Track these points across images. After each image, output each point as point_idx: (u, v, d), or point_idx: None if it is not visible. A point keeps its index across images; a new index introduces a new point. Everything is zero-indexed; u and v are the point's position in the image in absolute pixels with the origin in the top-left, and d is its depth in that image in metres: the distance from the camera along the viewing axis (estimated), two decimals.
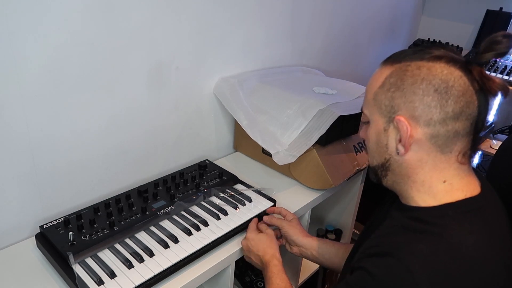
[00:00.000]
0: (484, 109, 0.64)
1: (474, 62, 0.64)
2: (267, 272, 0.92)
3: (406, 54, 0.68)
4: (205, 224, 1.01)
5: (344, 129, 1.30)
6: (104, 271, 0.85)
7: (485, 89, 0.63)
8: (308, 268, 1.45)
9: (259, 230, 1.03)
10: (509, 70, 1.98)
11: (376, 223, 0.79)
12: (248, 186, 1.20)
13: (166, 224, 1.02)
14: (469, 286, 0.58)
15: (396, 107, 0.66)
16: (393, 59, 0.69)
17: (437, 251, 0.60)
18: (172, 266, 0.89)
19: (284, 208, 1.10)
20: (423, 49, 0.67)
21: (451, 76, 0.63)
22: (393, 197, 0.78)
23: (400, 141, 0.67)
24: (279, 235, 1.08)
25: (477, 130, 0.66)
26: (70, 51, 0.93)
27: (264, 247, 0.96)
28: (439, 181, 0.67)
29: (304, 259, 1.32)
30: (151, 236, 0.97)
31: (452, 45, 2.28)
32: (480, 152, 2.31)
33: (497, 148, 1.04)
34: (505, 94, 0.63)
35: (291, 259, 1.33)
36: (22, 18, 0.83)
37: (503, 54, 0.63)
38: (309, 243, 1.04)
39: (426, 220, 0.65)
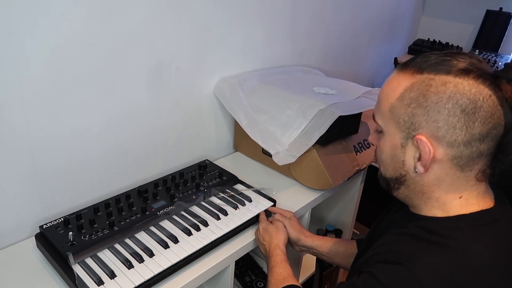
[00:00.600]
0: (510, 128, 0.60)
1: (503, 77, 0.59)
2: (270, 262, 0.93)
3: (429, 64, 0.62)
4: (205, 224, 1.01)
5: (344, 129, 1.30)
6: (104, 271, 0.85)
7: None
8: (308, 268, 1.45)
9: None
10: None
11: (383, 227, 0.78)
12: (248, 186, 1.20)
13: (166, 224, 1.02)
14: None
15: (417, 124, 0.62)
16: (413, 67, 0.63)
17: (450, 265, 0.58)
18: (172, 266, 0.89)
19: (280, 209, 1.11)
20: (447, 58, 0.61)
21: (479, 95, 0.58)
22: (400, 204, 0.77)
23: (419, 159, 0.63)
24: None
25: (500, 149, 0.62)
26: (70, 51, 0.93)
27: (270, 237, 0.98)
28: (455, 198, 0.65)
29: (304, 260, 1.32)
30: (151, 236, 0.97)
31: (452, 45, 2.28)
32: None
33: None
34: None
35: (291, 259, 1.33)
36: (22, 18, 0.83)
37: None
38: (310, 242, 1.05)
39: (438, 231, 0.63)
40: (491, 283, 0.57)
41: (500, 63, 2.04)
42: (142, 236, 0.97)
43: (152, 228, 1.00)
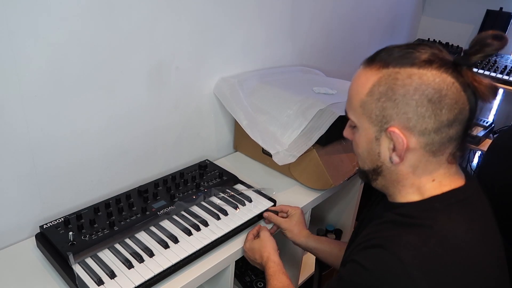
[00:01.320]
0: (475, 111, 0.64)
1: (464, 64, 0.62)
2: (266, 275, 0.92)
3: (393, 57, 0.64)
4: (205, 224, 1.01)
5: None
6: (104, 271, 0.85)
7: (478, 95, 0.62)
8: (308, 268, 1.45)
9: (256, 235, 1.03)
10: (509, 70, 1.98)
11: (365, 222, 0.79)
12: (248, 186, 1.20)
13: (166, 224, 1.02)
14: (461, 275, 0.59)
15: (388, 117, 0.64)
16: (379, 62, 0.65)
17: (428, 242, 0.60)
18: (172, 266, 0.89)
19: (283, 205, 1.11)
20: (409, 51, 0.64)
21: (443, 84, 0.61)
22: (381, 196, 0.80)
23: (393, 150, 0.66)
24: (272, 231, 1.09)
25: (467, 132, 0.66)
26: (70, 51, 0.93)
27: (259, 252, 0.96)
28: (428, 181, 0.68)
29: (304, 260, 1.32)
30: (151, 236, 0.97)
31: (452, 45, 2.29)
32: (479, 152, 2.31)
33: None
34: (495, 96, 0.63)
35: (291, 259, 1.33)
36: (22, 18, 0.83)
37: (491, 55, 0.63)
38: (304, 244, 1.06)
39: (414, 214, 0.66)
40: (467, 256, 0.60)
41: (500, 63, 2.04)
42: (142, 236, 0.97)
43: (152, 228, 1.00)
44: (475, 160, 2.43)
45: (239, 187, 1.21)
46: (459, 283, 0.59)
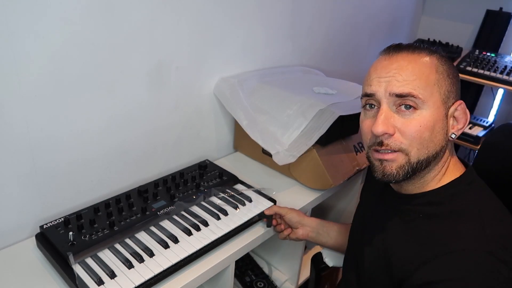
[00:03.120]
0: None
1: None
2: None
3: (427, 48, 0.72)
4: (205, 224, 1.01)
5: (344, 129, 1.30)
6: (104, 271, 0.85)
7: None
8: (308, 268, 1.45)
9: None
10: (509, 70, 1.98)
11: (379, 223, 0.78)
12: (248, 186, 1.20)
13: (166, 224, 1.02)
14: None
15: (454, 93, 0.70)
16: (423, 50, 0.71)
17: (486, 225, 0.63)
18: (172, 266, 0.89)
19: (277, 206, 1.10)
20: (423, 45, 0.74)
21: None
22: (379, 192, 0.83)
23: (458, 125, 0.71)
24: (283, 227, 1.08)
25: None
26: (70, 51, 0.93)
27: None
28: (445, 161, 0.73)
29: (304, 259, 1.31)
30: (151, 236, 0.97)
31: (452, 45, 2.29)
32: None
33: None
34: None
35: (291, 260, 1.33)
36: (22, 18, 0.83)
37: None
38: (314, 222, 1.08)
39: (445, 201, 0.69)
40: (508, 218, 0.67)
41: (500, 63, 2.04)
42: (142, 236, 0.97)
43: (152, 228, 1.00)
44: None
45: (239, 187, 1.21)
46: None
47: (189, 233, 0.98)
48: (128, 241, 0.95)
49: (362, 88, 0.75)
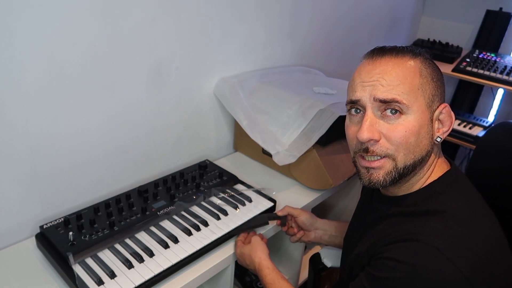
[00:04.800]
0: None
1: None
2: (263, 283, 0.90)
3: (411, 50, 0.71)
4: (205, 224, 1.01)
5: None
6: (104, 271, 0.85)
7: None
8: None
9: (248, 241, 1.00)
10: (509, 70, 1.98)
11: (368, 222, 0.80)
12: (248, 186, 1.20)
13: (166, 224, 1.02)
14: (482, 249, 0.64)
15: (437, 96, 0.70)
16: (407, 53, 0.70)
17: (448, 225, 0.65)
18: (172, 266, 0.89)
19: (289, 207, 1.08)
20: (412, 47, 0.72)
21: None
22: (368, 196, 0.84)
23: (448, 127, 0.71)
24: (295, 230, 1.08)
25: None
26: (70, 51, 0.93)
27: (249, 258, 0.94)
28: (432, 163, 0.73)
29: (303, 260, 1.31)
30: (151, 236, 0.97)
31: (452, 45, 2.29)
32: None
33: None
34: None
35: (291, 259, 1.33)
36: (22, 18, 0.83)
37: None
38: (326, 224, 1.08)
39: (421, 202, 0.71)
40: (478, 226, 0.67)
41: (500, 63, 2.04)
42: (142, 236, 0.97)
43: (152, 228, 1.00)
44: None
45: (239, 187, 1.21)
46: (481, 251, 0.63)
47: (189, 233, 0.98)
48: (128, 241, 0.95)
49: (347, 93, 0.75)
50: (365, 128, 0.68)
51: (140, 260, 0.88)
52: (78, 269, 0.85)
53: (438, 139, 0.71)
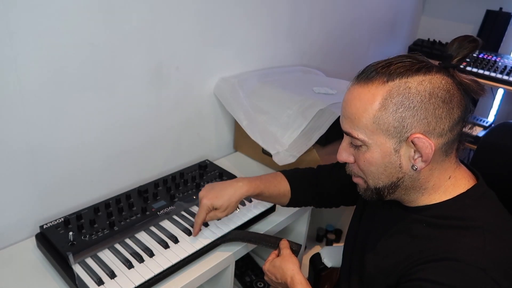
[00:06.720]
0: (470, 107, 0.69)
1: (451, 66, 0.67)
2: None
3: (394, 71, 0.65)
4: (205, 224, 1.01)
5: None
6: (104, 271, 0.85)
7: (470, 91, 0.67)
8: (308, 268, 1.44)
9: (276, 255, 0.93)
10: (509, 70, 1.98)
11: (383, 229, 0.77)
12: None
13: (166, 224, 1.02)
14: None
15: (408, 126, 0.64)
16: (379, 78, 0.65)
17: (487, 243, 0.62)
18: (172, 266, 0.89)
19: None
20: (406, 61, 0.65)
21: (448, 85, 0.65)
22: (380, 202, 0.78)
23: (415, 157, 0.66)
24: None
25: (464, 126, 0.70)
26: (70, 51, 0.93)
27: (281, 270, 0.88)
28: (445, 180, 0.70)
29: (303, 260, 1.31)
30: (151, 236, 0.97)
31: None
32: None
33: None
34: (484, 90, 0.68)
35: None
36: (23, 18, 0.83)
37: (467, 57, 0.70)
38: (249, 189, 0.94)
39: (451, 214, 0.68)
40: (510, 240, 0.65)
41: (500, 63, 2.04)
42: (142, 236, 0.97)
43: (152, 228, 1.00)
44: None
45: None
46: None
47: (189, 233, 0.98)
48: (128, 241, 0.95)
49: None
50: (339, 151, 0.74)
51: (140, 260, 0.88)
52: (78, 269, 0.85)
53: (415, 168, 0.67)
